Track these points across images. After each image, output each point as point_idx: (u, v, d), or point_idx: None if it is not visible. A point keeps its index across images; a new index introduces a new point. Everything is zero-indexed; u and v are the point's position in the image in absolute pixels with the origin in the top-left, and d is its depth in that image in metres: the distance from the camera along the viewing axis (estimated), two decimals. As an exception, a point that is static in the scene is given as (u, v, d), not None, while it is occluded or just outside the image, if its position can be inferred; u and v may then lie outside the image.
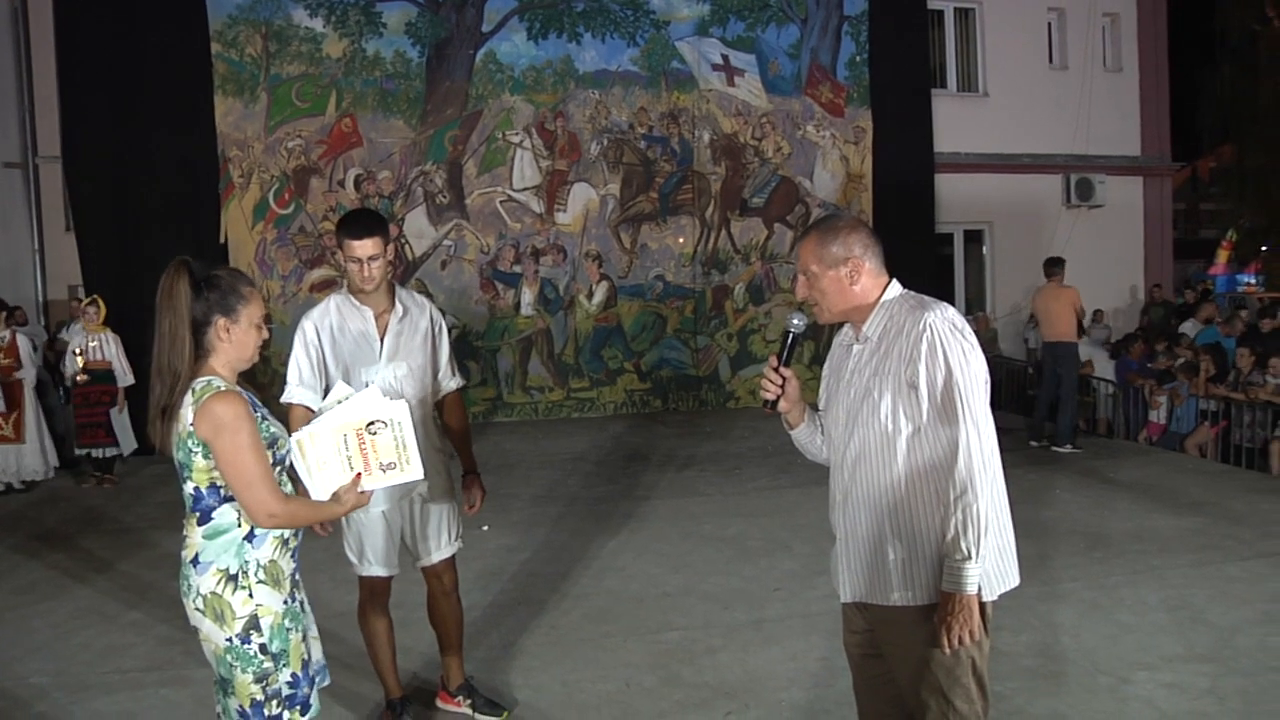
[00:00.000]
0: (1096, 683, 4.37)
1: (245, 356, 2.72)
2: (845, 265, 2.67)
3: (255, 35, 11.70)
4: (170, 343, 2.63)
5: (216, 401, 2.56)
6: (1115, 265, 15.56)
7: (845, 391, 2.71)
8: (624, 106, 12.81)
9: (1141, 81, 16.02)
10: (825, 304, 2.72)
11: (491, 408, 12.39)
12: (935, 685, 2.53)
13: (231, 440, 2.54)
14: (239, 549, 2.61)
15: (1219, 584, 5.69)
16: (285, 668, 2.65)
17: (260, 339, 2.74)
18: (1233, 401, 9.82)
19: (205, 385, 2.60)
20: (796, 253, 2.79)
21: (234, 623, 2.59)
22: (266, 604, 2.62)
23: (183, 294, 2.62)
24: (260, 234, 11.77)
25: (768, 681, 4.48)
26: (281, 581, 2.66)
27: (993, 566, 2.53)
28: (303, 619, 2.74)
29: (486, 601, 5.67)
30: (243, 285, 2.71)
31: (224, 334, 2.66)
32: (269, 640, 2.62)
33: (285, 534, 2.69)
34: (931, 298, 2.67)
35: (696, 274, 13.10)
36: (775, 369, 2.77)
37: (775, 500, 7.84)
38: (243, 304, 2.68)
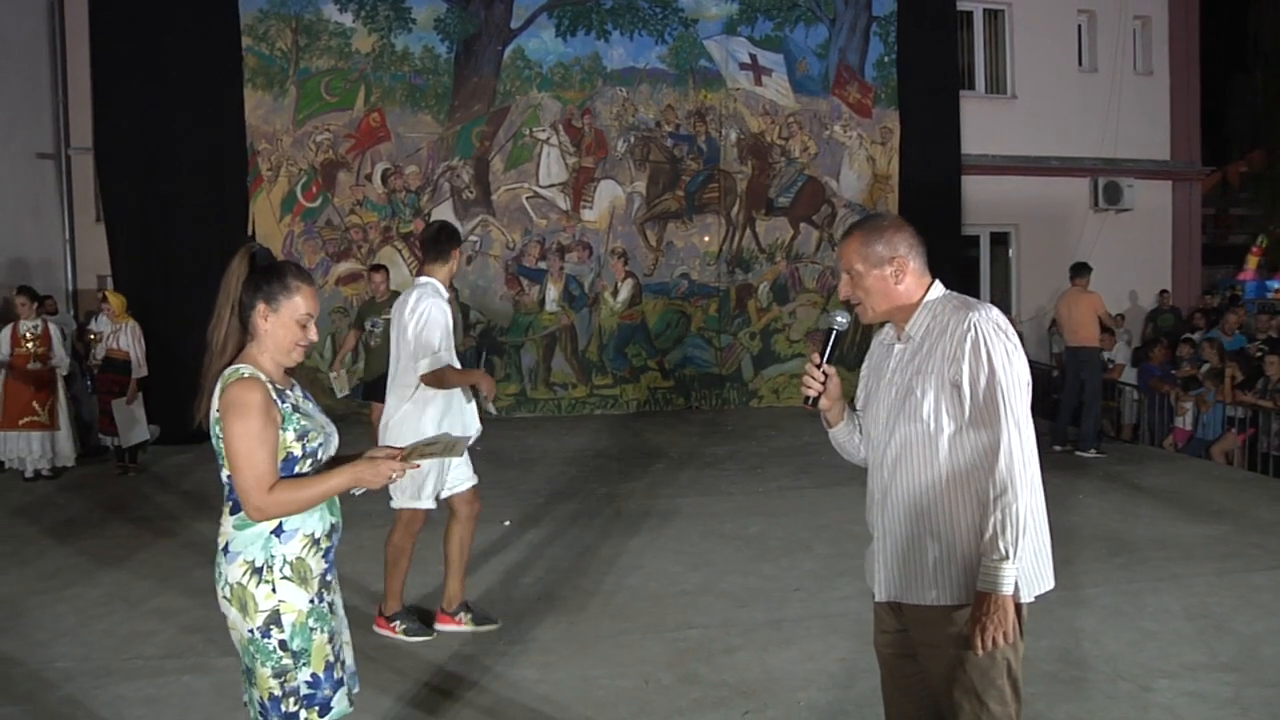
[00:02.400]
0: (1118, 689, 4.35)
1: (283, 350, 2.71)
2: (890, 264, 2.66)
3: (285, 29, 11.78)
4: (216, 318, 2.69)
5: (236, 386, 2.59)
6: (1143, 270, 15.43)
7: (886, 390, 2.69)
8: (651, 104, 12.82)
9: (1172, 85, 15.87)
10: (869, 303, 2.71)
11: (515, 403, 12.42)
12: (970, 686, 2.53)
13: (239, 425, 2.56)
14: (266, 542, 2.62)
15: (1243, 593, 5.65)
16: (305, 666, 2.64)
17: (303, 337, 2.72)
18: (1261, 409, 9.74)
19: (233, 371, 2.63)
20: (839, 251, 2.78)
21: (256, 615, 2.61)
22: (290, 600, 2.62)
23: (236, 275, 2.69)
24: (288, 227, 11.85)
25: (786, 681, 4.48)
26: (309, 580, 2.65)
27: (1029, 567, 2.54)
28: (330, 621, 2.71)
29: (507, 596, 5.70)
30: (292, 278, 2.71)
31: (262, 320, 2.68)
32: (289, 637, 2.62)
33: (317, 533, 2.68)
34: (975, 299, 2.67)
35: (721, 272, 13.09)
36: (818, 365, 2.76)
37: (796, 500, 7.83)
38: (285, 295, 2.68)
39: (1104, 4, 15.33)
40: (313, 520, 2.68)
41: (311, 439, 2.68)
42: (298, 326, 2.70)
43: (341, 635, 2.80)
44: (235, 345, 2.69)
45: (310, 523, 2.67)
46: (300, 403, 2.74)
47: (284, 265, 2.75)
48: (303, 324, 2.71)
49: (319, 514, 2.69)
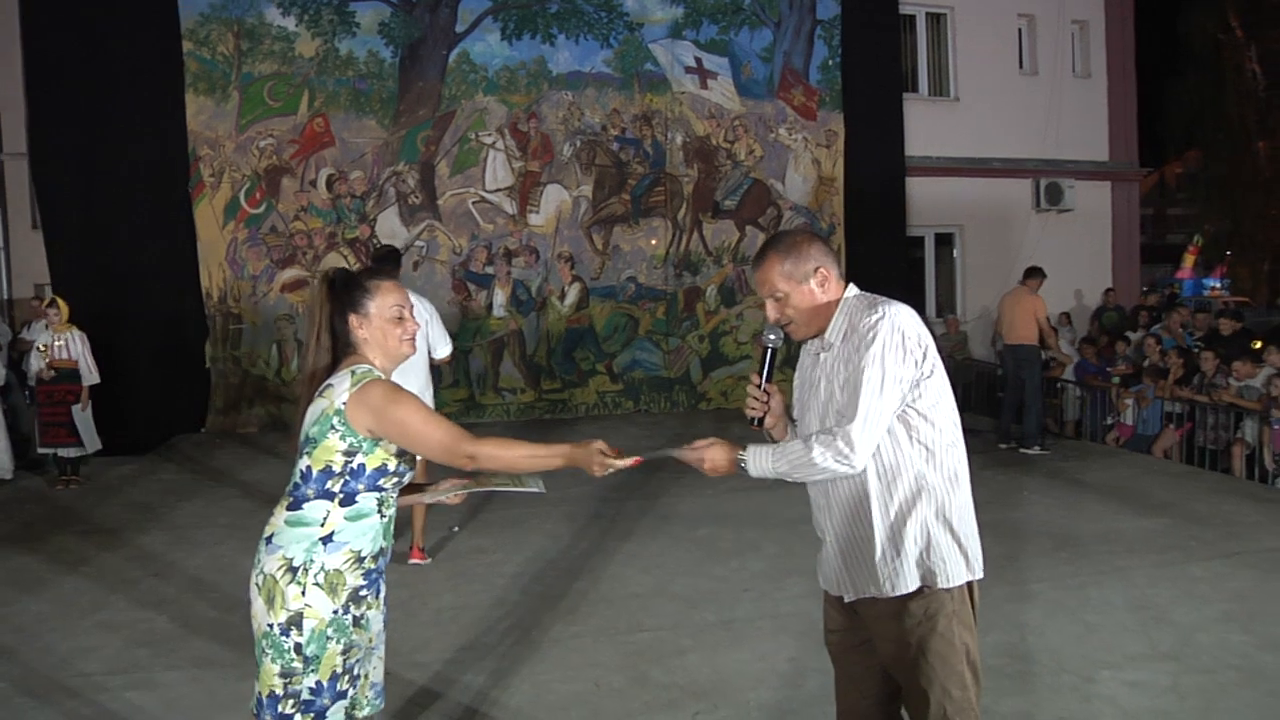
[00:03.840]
0: (1061, 682, 4.42)
1: (391, 348, 2.77)
2: (814, 276, 2.70)
3: (227, 34, 11.62)
4: (310, 349, 2.77)
5: (376, 385, 2.65)
6: (1085, 269, 15.67)
7: (814, 397, 2.75)
8: (597, 108, 12.82)
9: (1110, 88, 16.17)
10: (800, 320, 2.74)
11: (464, 409, 12.35)
12: (932, 674, 2.58)
13: (408, 407, 2.64)
14: (311, 545, 2.64)
15: (1182, 584, 5.78)
16: (313, 673, 2.63)
17: (404, 330, 2.77)
18: (1197, 404, 9.94)
19: (366, 371, 2.68)
20: (758, 278, 2.77)
21: (280, 612, 2.61)
22: (315, 607, 2.62)
23: (319, 302, 2.75)
24: (231, 233, 11.69)
25: (736, 681, 4.50)
26: (339, 591, 2.65)
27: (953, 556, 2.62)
28: (350, 633, 2.69)
29: (458, 603, 5.67)
30: (368, 279, 2.78)
31: (359, 329, 2.73)
32: (306, 642, 2.62)
33: (364, 551, 2.69)
34: (885, 298, 2.69)
35: (668, 276, 13.12)
36: (759, 386, 2.79)
37: (745, 502, 7.86)
38: (367, 297, 2.73)
39: (1043, 8, 15.60)
40: (365, 539, 2.70)
41: (407, 460, 2.74)
42: (393, 322, 2.76)
43: (368, 650, 2.80)
44: (326, 368, 2.75)
45: (361, 540, 2.69)
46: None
47: (357, 273, 2.82)
48: (398, 317, 2.76)
49: (372, 534, 2.71)
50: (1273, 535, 6.83)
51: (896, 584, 2.60)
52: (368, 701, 2.84)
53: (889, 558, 2.61)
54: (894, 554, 2.61)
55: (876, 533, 2.62)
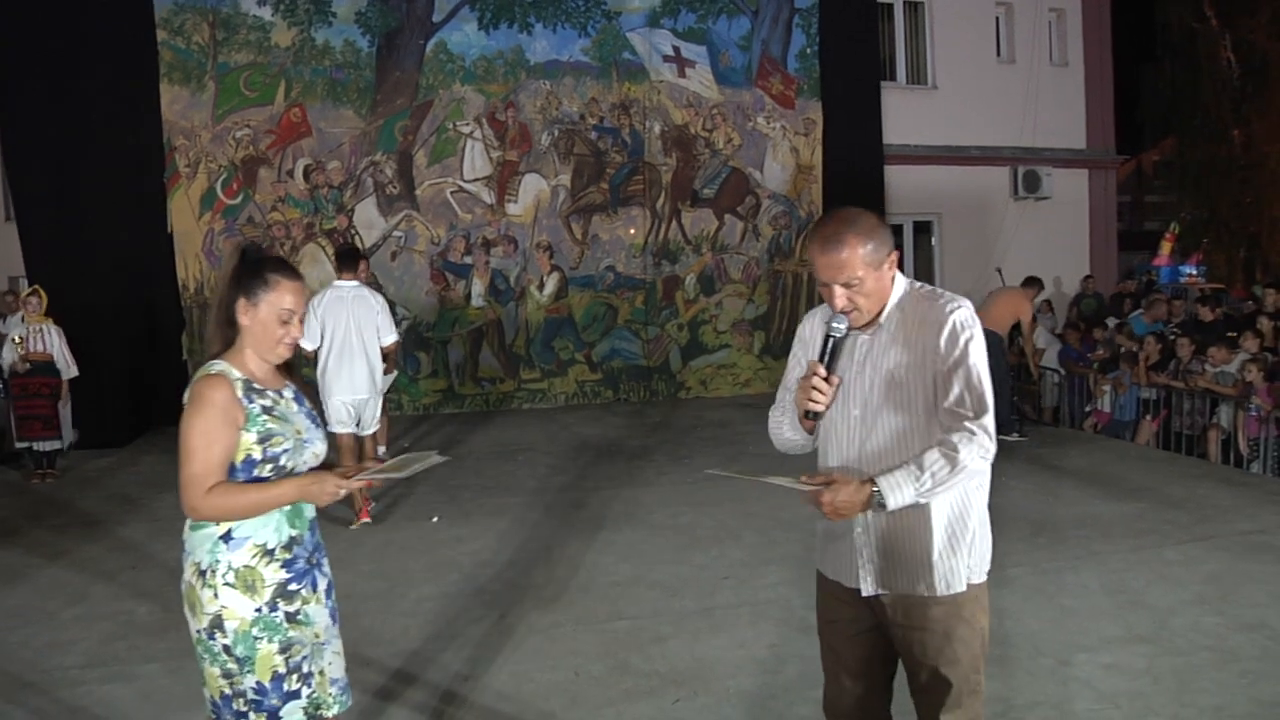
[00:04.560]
0: (1039, 665, 4.45)
1: (265, 345, 2.68)
2: (887, 260, 2.58)
3: (202, 23, 11.53)
4: (211, 314, 2.73)
5: (201, 382, 2.61)
6: (1062, 256, 15.74)
7: (855, 385, 2.62)
8: (575, 97, 12.79)
9: (1086, 76, 16.23)
10: (867, 306, 2.58)
11: (442, 399, 12.34)
12: (956, 661, 2.59)
13: (192, 421, 2.57)
14: (213, 546, 2.60)
15: (1157, 567, 5.83)
16: (250, 674, 2.61)
17: (287, 334, 2.69)
18: (1173, 389, 10.01)
19: (205, 367, 2.65)
20: (834, 262, 2.53)
21: (202, 617, 2.60)
22: (232, 608, 2.59)
23: (226, 271, 2.70)
24: (208, 224, 11.62)
25: (716, 669, 4.51)
26: (257, 589, 2.60)
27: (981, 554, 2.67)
28: (286, 631, 2.64)
29: (437, 592, 5.67)
30: (272, 272, 2.68)
31: (243, 316, 2.67)
32: (232, 644, 2.59)
33: (270, 543, 2.64)
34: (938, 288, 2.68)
35: (647, 265, 13.12)
36: (825, 378, 2.59)
37: (725, 489, 7.87)
38: (264, 289, 2.66)
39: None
40: (266, 530, 2.64)
41: (275, 443, 2.64)
42: (278, 322, 2.67)
43: (316, 646, 2.76)
44: (222, 341, 2.69)
45: (263, 533, 2.64)
46: (279, 405, 2.70)
47: (266, 260, 2.73)
48: (284, 319, 2.68)
49: (274, 524, 2.65)
50: (1246, 519, 6.89)
51: (952, 583, 2.58)
52: (333, 699, 2.81)
53: (945, 556, 2.58)
54: (950, 553, 2.58)
55: (936, 532, 2.57)
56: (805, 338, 2.82)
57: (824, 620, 2.84)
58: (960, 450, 2.43)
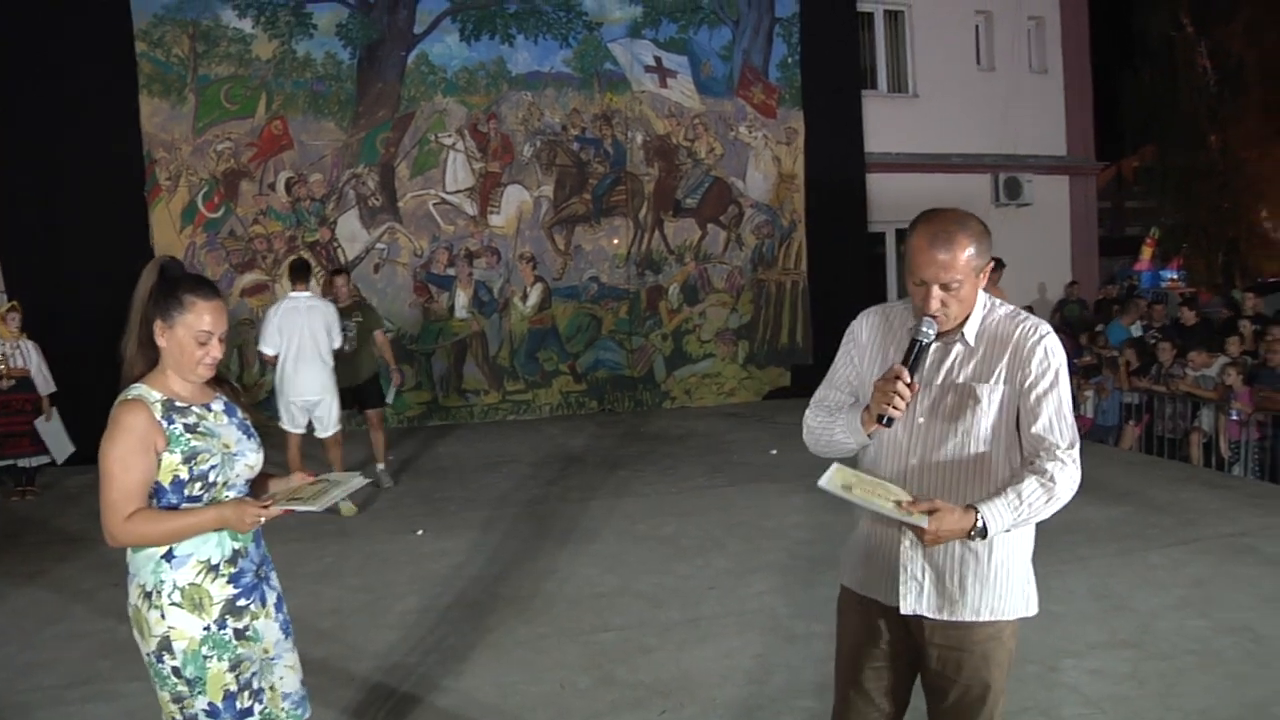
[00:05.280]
0: (1025, 671, 4.44)
1: (185, 366, 2.64)
2: (982, 270, 2.50)
3: (182, 35, 11.47)
4: (126, 334, 2.66)
5: (119, 408, 2.58)
6: (1044, 262, 15.82)
7: (923, 392, 2.53)
8: (557, 108, 12.80)
9: (1066, 83, 16.32)
10: (957, 314, 2.50)
11: (427, 411, 12.31)
12: (990, 684, 2.53)
13: (104, 448, 2.54)
14: (156, 567, 2.57)
15: (1141, 571, 5.85)
16: (201, 695, 2.58)
17: (206, 355, 2.64)
18: (1155, 394, 10.06)
19: (125, 392, 2.60)
20: (940, 261, 2.42)
21: (150, 640, 2.58)
22: (180, 628, 2.57)
23: (144, 289, 2.64)
24: (189, 238, 11.55)
25: (702, 679, 4.50)
26: (205, 607, 2.58)
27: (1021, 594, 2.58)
28: (235, 648, 2.63)
29: (421, 605, 5.63)
30: (187, 293, 2.62)
31: (160, 336, 2.62)
32: (182, 665, 2.57)
33: (214, 559, 2.61)
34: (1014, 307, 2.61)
35: (631, 275, 13.13)
36: (908, 384, 2.43)
37: (709, 499, 7.88)
38: (180, 311, 2.60)
39: (1000, 5, 15.71)
40: (209, 546, 2.61)
41: (202, 460, 2.60)
42: (196, 344, 2.62)
43: (265, 662, 2.73)
44: (146, 361, 2.65)
45: (205, 548, 2.61)
46: (206, 420, 2.66)
47: (182, 280, 2.67)
48: (201, 341, 2.62)
49: (215, 540, 2.63)
50: (1228, 521, 6.93)
51: (1007, 609, 2.54)
52: (286, 714, 2.78)
53: (1001, 582, 2.53)
54: (1005, 577, 2.52)
55: (995, 557, 2.51)
56: (860, 338, 2.71)
57: (849, 643, 2.72)
58: (1057, 481, 2.39)
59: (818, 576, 5.78)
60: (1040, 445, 2.44)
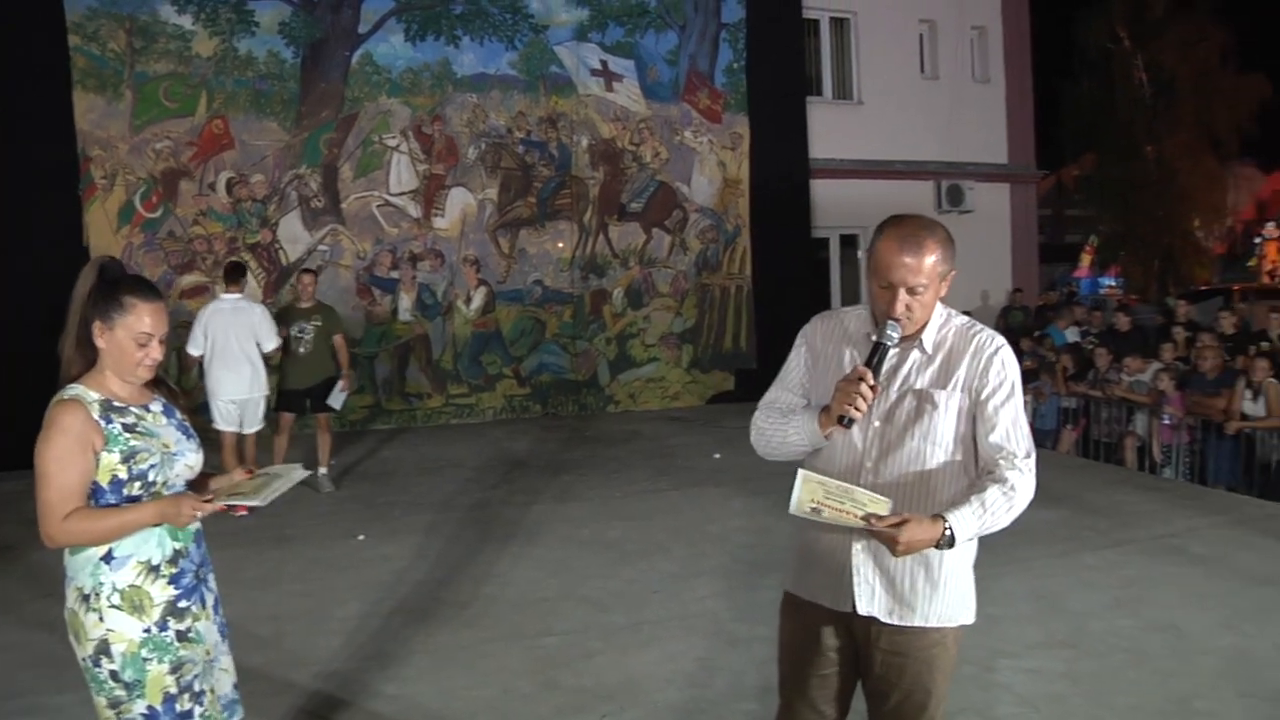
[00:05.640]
0: (962, 672, 4.47)
1: (125, 367, 2.62)
2: (945, 278, 2.54)
3: (118, 30, 11.22)
4: (64, 334, 2.64)
5: (55, 408, 2.56)
6: (985, 269, 16.04)
7: (880, 396, 2.53)
8: (502, 111, 12.76)
9: (1008, 92, 16.59)
10: (919, 319, 2.53)
11: (369, 415, 12.19)
12: (935, 694, 2.56)
13: (44, 448, 2.52)
14: (95, 569, 2.54)
15: (1076, 573, 5.96)
16: (140, 699, 2.55)
17: (145, 356, 2.62)
18: (1091, 399, 10.24)
19: (61, 392, 2.58)
20: (906, 265, 2.46)
21: (87, 644, 2.54)
22: (119, 630, 2.53)
23: (83, 289, 2.62)
24: (126, 238, 11.33)
25: (645, 683, 4.50)
26: (145, 609, 2.56)
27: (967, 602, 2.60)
28: (177, 650, 2.60)
29: (364, 611, 5.58)
30: (128, 294, 2.61)
31: (99, 337, 2.60)
32: (120, 668, 2.54)
33: (155, 559, 2.59)
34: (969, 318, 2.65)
35: (575, 279, 13.11)
36: (871, 386, 2.44)
37: (654, 503, 7.89)
38: (120, 312, 2.59)
39: (944, 14, 15.94)
40: (149, 546, 2.59)
41: (141, 460, 2.58)
42: (135, 345, 2.61)
43: (206, 664, 2.71)
44: (84, 362, 2.63)
45: (146, 549, 2.58)
46: (144, 421, 2.64)
47: (122, 281, 2.65)
48: (141, 342, 2.61)
49: (155, 539, 2.60)
50: (1160, 523, 7.09)
51: (955, 616, 2.56)
52: (221, 717, 2.77)
53: (951, 589, 2.55)
54: (955, 585, 2.55)
55: (947, 563, 2.53)
56: (814, 341, 2.72)
57: (793, 649, 2.73)
58: (1018, 490, 2.42)
59: (760, 580, 5.81)
60: (999, 454, 2.47)
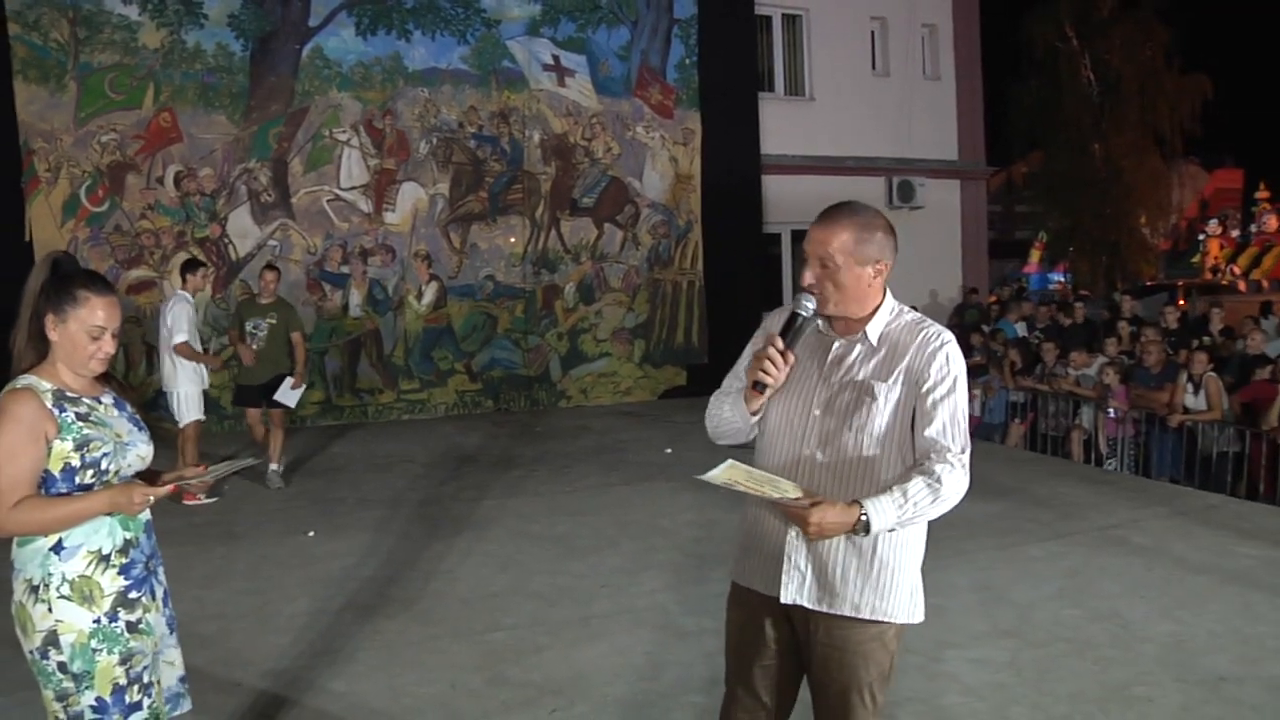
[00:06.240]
0: (908, 662, 4.54)
1: (77, 360, 2.63)
2: (874, 266, 2.55)
3: (60, 19, 11.01)
4: (15, 327, 2.64)
5: (6, 397, 2.56)
6: (936, 265, 16.21)
7: (819, 383, 2.57)
8: (454, 105, 12.70)
9: (958, 89, 16.77)
10: (837, 298, 2.55)
11: (320, 411, 12.09)
12: (868, 684, 2.54)
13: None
14: (44, 560, 2.53)
15: (1021, 564, 6.05)
16: (88, 690, 2.54)
17: (98, 349, 2.63)
18: (1039, 393, 10.38)
19: (13, 383, 2.59)
20: (817, 236, 2.55)
21: (34, 636, 2.53)
22: (69, 621, 2.53)
23: (36, 283, 2.63)
24: (71, 232, 11.15)
25: (594, 677, 4.51)
26: (96, 599, 2.55)
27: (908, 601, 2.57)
28: (126, 641, 2.59)
29: (311, 608, 5.54)
30: (80, 288, 2.62)
31: (52, 330, 2.61)
32: (69, 659, 2.53)
33: (105, 549, 2.58)
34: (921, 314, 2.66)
35: (527, 274, 13.09)
36: (782, 351, 2.53)
37: (604, 498, 7.90)
38: (73, 305, 2.60)
39: (895, 12, 16.07)
40: (99, 536, 2.58)
41: (94, 449, 2.59)
42: (88, 338, 2.62)
43: (155, 655, 2.71)
44: (36, 355, 2.63)
45: (96, 538, 2.58)
46: (97, 411, 2.65)
47: (75, 275, 2.67)
48: (94, 336, 2.62)
49: (106, 528, 2.60)
50: (1103, 514, 7.21)
51: (890, 610, 2.54)
52: (164, 713, 2.77)
53: (883, 580, 2.53)
54: (889, 577, 2.53)
55: (880, 553, 2.52)
56: (769, 329, 2.73)
57: (736, 639, 2.74)
58: (944, 483, 2.43)
59: (709, 573, 5.84)
60: (932, 448, 2.48)
